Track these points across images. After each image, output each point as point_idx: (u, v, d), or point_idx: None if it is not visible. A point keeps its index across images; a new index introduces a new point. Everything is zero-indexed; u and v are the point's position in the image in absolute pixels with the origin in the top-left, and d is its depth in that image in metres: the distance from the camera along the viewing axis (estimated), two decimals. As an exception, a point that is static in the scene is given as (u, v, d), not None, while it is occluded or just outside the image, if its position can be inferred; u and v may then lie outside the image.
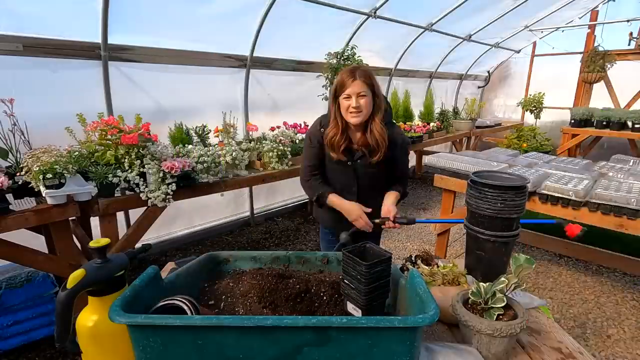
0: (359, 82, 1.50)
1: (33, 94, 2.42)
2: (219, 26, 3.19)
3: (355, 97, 1.51)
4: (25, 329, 2.11)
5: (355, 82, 1.50)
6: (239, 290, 1.00)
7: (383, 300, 0.95)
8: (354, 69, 1.54)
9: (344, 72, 1.55)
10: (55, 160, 1.87)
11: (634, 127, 5.18)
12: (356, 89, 1.51)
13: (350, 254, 0.92)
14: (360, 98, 1.51)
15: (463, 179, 2.71)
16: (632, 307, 2.68)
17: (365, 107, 1.53)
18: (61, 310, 0.78)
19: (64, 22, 2.46)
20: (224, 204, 3.84)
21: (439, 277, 1.24)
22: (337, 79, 1.58)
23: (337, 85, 1.56)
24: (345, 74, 1.53)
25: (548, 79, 6.79)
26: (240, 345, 0.72)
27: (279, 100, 4.00)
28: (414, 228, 4.13)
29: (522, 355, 1.03)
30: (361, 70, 1.54)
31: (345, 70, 1.56)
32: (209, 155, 2.56)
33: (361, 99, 1.52)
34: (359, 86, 1.51)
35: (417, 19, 4.49)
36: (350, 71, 1.53)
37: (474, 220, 1.32)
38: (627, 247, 3.14)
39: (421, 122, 5.41)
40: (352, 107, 1.51)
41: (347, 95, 1.52)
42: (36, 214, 1.88)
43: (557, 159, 3.19)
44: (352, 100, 1.51)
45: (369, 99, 1.54)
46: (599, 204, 2.12)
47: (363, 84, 1.51)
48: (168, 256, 3.36)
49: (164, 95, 3.11)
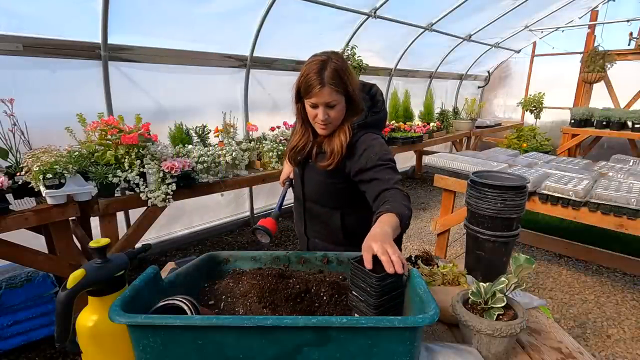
0: (327, 90, 1.14)
1: (33, 94, 2.42)
2: (219, 26, 3.19)
3: (323, 108, 1.18)
4: (25, 329, 2.10)
5: (324, 90, 1.14)
6: (239, 290, 1.00)
7: (396, 314, 0.88)
8: (322, 67, 1.15)
9: (309, 69, 1.16)
10: (55, 160, 1.87)
11: (634, 127, 5.18)
12: (324, 98, 1.16)
13: (358, 265, 0.86)
14: (330, 109, 1.19)
15: (463, 179, 2.70)
16: (632, 307, 2.68)
17: (336, 119, 1.22)
18: (61, 310, 0.78)
19: (64, 22, 2.46)
20: (224, 204, 3.84)
21: (439, 277, 1.24)
22: (300, 74, 1.19)
23: (301, 85, 1.19)
24: (312, 75, 1.15)
25: (548, 79, 6.79)
26: (240, 345, 0.72)
27: (279, 100, 4.00)
28: (414, 228, 4.14)
29: (522, 355, 1.03)
30: (332, 69, 1.14)
31: (310, 67, 1.16)
32: (209, 155, 2.56)
33: (330, 111, 1.19)
34: (328, 95, 1.15)
35: (417, 19, 4.49)
36: (318, 72, 1.14)
37: (474, 220, 1.32)
38: (627, 247, 3.14)
39: (421, 122, 5.42)
40: (320, 119, 1.20)
41: (313, 104, 1.19)
42: (36, 214, 1.88)
43: (557, 159, 3.19)
44: (320, 112, 1.19)
45: (342, 107, 1.21)
46: (599, 204, 2.12)
47: (333, 91, 1.15)
48: (168, 256, 3.36)
49: (164, 95, 3.11)
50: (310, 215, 1.45)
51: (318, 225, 1.44)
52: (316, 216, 1.43)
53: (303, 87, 1.19)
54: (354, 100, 1.23)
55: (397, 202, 1.06)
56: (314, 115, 1.22)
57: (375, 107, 1.34)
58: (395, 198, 1.09)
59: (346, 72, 1.18)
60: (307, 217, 1.46)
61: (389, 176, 1.17)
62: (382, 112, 1.35)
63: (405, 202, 1.08)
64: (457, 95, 7.01)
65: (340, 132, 1.24)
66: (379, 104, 1.35)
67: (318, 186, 1.36)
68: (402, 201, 1.08)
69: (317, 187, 1.37)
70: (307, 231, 1.49)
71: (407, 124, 4.96)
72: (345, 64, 1.20)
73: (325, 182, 1.33)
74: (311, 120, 1.25)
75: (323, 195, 1.38)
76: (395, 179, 1.16)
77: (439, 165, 2.92)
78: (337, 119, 1.23)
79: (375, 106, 1.34)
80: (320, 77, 1.14)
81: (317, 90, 1.15)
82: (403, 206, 1.05)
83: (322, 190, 1.37)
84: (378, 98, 1.36)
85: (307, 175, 1.38)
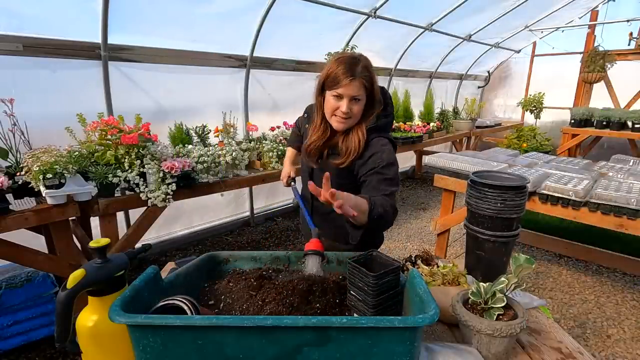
0: (357, 83, 1.17)
1: (33, 94, 2.42)
2: (219, 26, 3.19)
3: (348, 100, 1.19)
4: (25, 329, 2.11)
5: (354, 82, 1.16)
6: (239, 290, 1.00)
7: (394, 313, 0.90)
8: (354, 62, 1.18)
9: (340, 62, 1.19)
10: (55, 160, 1.87)
11: (634, 127, 5.18)
12: (352, 91, 1.18)
13: (356, 264, 0.87)
14: (354, 103, 1.21)
15: (463, 179, 2.71)
16: (632, 307, 2.68)
17: (356, 115, 1.24)
18: (61, 310, 0.78)
19: (64, 22, 2.46)
20: (224, 204, 3.84)
21: (439, 277, 1.24)
22: (329, 67, 1.21)
23: (328, 77, 1.20)
24: (342, 67, 1.17)
25: (548, 79, 6.79)
26: (240, 345, 0.72)
27: (279, 100, 4.00)
28: (414, 228, 4.14)
29: (522, 355, 1.03)
30: (363, 65, 1.19)
31: (342, 60, 1.19)
32: (209, 155, 2.56)
33: (354, 105, 1.21)
34: (356, 88, 1.18)
35: (417, 19, 4.49)
36: (349, 65, 1.17)
37: (474, 220, 1.32)
38: (627, 247, 3.14)
39: (421, 122, 5.42)
40: (342, 111, 1.21)
41: (338, 95, 1.20)
42: (36, 214, 1.88)
43: (557, 159, 3.19)
44: (343, 104, 1.20)
45: (363, 104, 1.24)
46: (599, 204, 2.12)
47: (362, 86, 1.18)
48: (168, 256, 3.36)
49: (164, 95, 3.11)
50: (317, 213, 1.47)
51: (325, 223, 1.44)
52: (323, 215, 1.44)
53: (331, 78, 1.20)
54: (375, 99, 1.26)
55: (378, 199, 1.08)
56: (336, 108, 1.23)
57: (385, 111, 1.35)
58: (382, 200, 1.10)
59: (373, 71, 1.23)
60: (315, 215, 1.47)
61: (384, 187, 1.18)
62: (390, 116, 1.38)
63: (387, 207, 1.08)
64: (457, 95, 7.01)
65: (358, 130, 1.26)
66: (389, 108, 1.37)
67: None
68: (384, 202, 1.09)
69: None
70: None
71: (407, 124, 4.96)
72: (371, 64, 1.24)
73: (335, 181, 1.32)
74: (330, 112, 1.25)
75: None
76: (390, 191, 1.17)
77: (439, 165, 2.92)
78: (357, 115, 1.25)
79: (386, 109, 1.35)
80: (352, 69, 1.17)
81: (347, 81, 1.16)
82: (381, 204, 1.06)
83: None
84: (388, 101, 1.38)
85: (317, 176, 1.39)
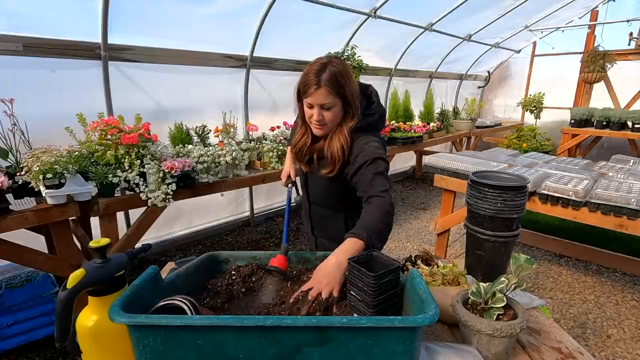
0: (323, 91, 1.16)
1: (33, 94, 2.42)
2: (219, 26, 3.19)
3: (318, 108, 1.20)
4: (25, 329, 2.10)
5: (319, 91, 1.16)
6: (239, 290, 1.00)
7: (394, 313, 0.90)
8: (321, 69, 1.17)
9: (309, 70, 1.19)
10: (55, 160, 1.87)
11: (634, 127, 5.18)
12: (319, 99, 1.18)
13: (355, 264, 0.88)
14: (325, 111, 1.21)
15: (463, 179, 2.70)
16: (632, 307, 2.68)
17: (331, 121, 1.23)
18: (61, 310, 0.78)
19: (63, 22, 2.46)
20: (224, 204, 3.84)
21: (439, 277, 1.24)
22: (302, 74, 1.22)
23: (301, 84, 1.22)
24: (310, 76, 1.18)
25: (548, 79, 6.79)
26: (240, 345, 0.72)
27: (279, 100, 4.00)
28: (414, 228, 4.14)
29: (522, 355, 1.03)
30: (330, 72, 1.16)
31: (310, 68, 1.19)
32: (209, 155, 2.56)
33: (325, 112, 1.21)
34: (323, 97, 1.17)
35: (417, 19, 4.49)
36: (315, 73, 1.16)
37: (474, 220, 1.32)
38: (627, 247, 3.14)
39: (421, 122, 5.41)
40: (314, 120, 1.23)
41: (309, 104, 1.22)
42: (36, 214, 1.88)
43: (557, 159, 3.19)
44: (314, 113, 1.21)
45: (338, 110, 1.22)
46: (599, 204, 2.11)
47: (329, 93, 1.16)
48: (168, 256, 3.36)
49: (164, 95, 3.11)
50: (315, 216, 1.53)
51: (323, 225, 1.52)
52: (321, 217, 1.51)
53: (302, 87, 1.22)
54: (351, 105, 1.23)
55: (369, 219, 1.07)
56: (310, 115, 1.24)
57: (369, 109, 1.33)
58: (372, 213, 1.09)
59: (345, 76, 1.19)
60: (313, 218, 1.54)
61: (376, 181, 1.17)
62: (376, 114, 1.34)
63: (382, 216, 1.08)
64: (457, 95, 7.01)
65: (339, 134, 1.25)
66: (373, 106, 1.35)
67: (321, 190, 1.43)
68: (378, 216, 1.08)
69: (320, 192, 1.44)
70: (314, 231, 1.57)
71: (407, 124, 4.96)
72: (345, 69, 1.20)
73: (328, 187, 1.38)
74: (307, 119, 1.28)
75: (326, 199, 1.45)
76: (385, 188, 1.16)
77: (439, 165, 2.92)
78: (332, 122, 1.24)
79: (370, 108, 1.33)
80: (318, 78, 1.16)
81: (313, 90, 1.17)
82: (375, 224, 1.05)
83: (325, 194, 1.44)
84: (373, 99, 1.36)
85: (311, 180, 1.46)
